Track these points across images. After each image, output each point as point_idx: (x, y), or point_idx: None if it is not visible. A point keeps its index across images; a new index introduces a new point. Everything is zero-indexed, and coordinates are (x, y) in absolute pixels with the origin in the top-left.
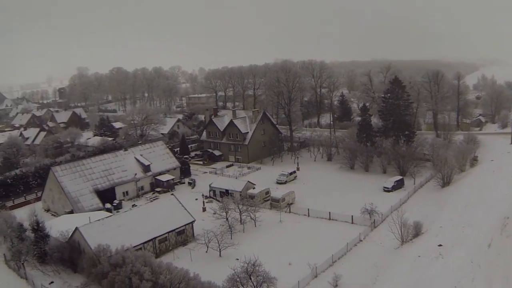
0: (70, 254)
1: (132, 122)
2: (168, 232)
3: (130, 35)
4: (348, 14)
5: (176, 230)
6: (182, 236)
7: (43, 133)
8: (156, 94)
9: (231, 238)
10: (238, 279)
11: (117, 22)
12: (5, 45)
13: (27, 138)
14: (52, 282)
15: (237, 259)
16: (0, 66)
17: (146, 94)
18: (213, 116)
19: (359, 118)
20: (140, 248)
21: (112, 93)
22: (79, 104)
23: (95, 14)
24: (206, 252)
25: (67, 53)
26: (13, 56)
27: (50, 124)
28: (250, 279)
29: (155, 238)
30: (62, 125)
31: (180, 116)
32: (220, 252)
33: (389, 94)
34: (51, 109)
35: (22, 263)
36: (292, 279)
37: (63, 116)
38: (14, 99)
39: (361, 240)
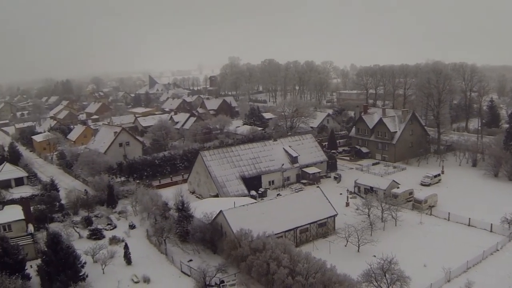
0: (212, 236)
1: (282, 113)
2: (310, 223)
3: (282, 30)
4: (505, 15)
5: (318, 222)
6: (323, 228)
7: (192, 119)
8: (307, 87)
9: (371, 235)
10: (373, 275)
11: (268, 17)
12: (158, 33)
13: (177, 122)
14: (190, 260)
15: (374, 256)
16: (152, 52)
17: (297, 87)
18: (363, 113)
19: (507, 125)
20: (281, 236)
21: (263, 84)
22: (229, 93)
23: (248, 6)
24: (345, 246)
25: (218, 43)
26: (166, 44)
27: (200, 110)
28: (385, 276)
29: (296, 228)
30: (212, 112)
31: (330, 111)
32: (358, 247)
33: None
34: (201, 96)
35: (164, 240)
36: (425, 281)
37: (213, 104)
38: (165, 84)
39: (498, 250)
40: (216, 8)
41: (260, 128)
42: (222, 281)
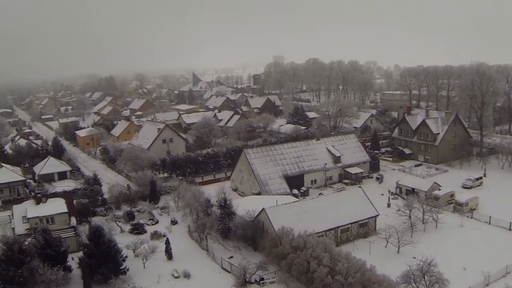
0: (253, 233)
1: (326, 113)
2: (351, 223)
3: (327, 29)
4: None
5: (359, 222)
6: (364, 228)
7: (236, 116)
8: (351, 87)
9: (411, 236)
10: (412, 277)
11: (312, 15)
12: (202, 31)
13: (221, 120)
14: (231, 257)
15: (414, 257)
16: (196, 50)
17: (340, 87)
18: (406, 114)
19: None
20: (322, 235)
21: (307, 83)
22: (273, 92)
23: (293, 4)
24: (385, 246)
25: (263, 41)
26: (210, 42)
27: (244, 108)
28: (424, 278)
29: (337, 227)
30: (255, 110)
31: (374, 112)
32: (398, 248)
33: None
34: (245, 94)
35: (205, 236)
36: (464, 284)
37: (257, 102)
38: (209, 82)
39: None
40: (261, 6)
41: (303, 127)
42: (262, 279)
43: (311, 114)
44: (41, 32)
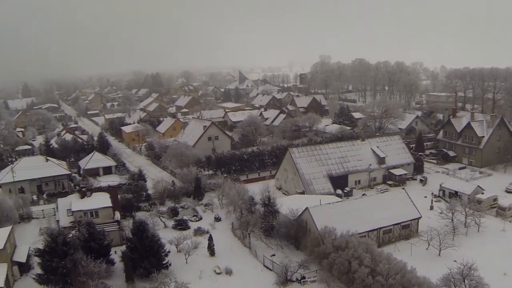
0: (296, 232)
1: (371, 113)
2: (393, 225)
3: (374, 29)
4: None
5: (402, 224)
6: (407, 230)
7: (282, 115)
8: (396, 88)
9: (453, 239)
10: (452, 280)
11: (359, 15)
12: (249, 29)
13: (266, 119)
14: (273, 255)
15: (455, 261)
16: (242, 48)
17: (386, 88)
18: (451, 116)
19: None
20: (364, 236)
21: (353, 83)
22: (319, 91)
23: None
24: (427, 249)
25: (310, 40)
26: (256, 40)
27: (290, 107)
28: (464, 281)
29: (380, 228)
30: (301, 109)
31: (419, 113)
32: (440, 251)
33: None
34: (291, 93)
35: (248, 233)
36: None
37: (303, 101)
38: (255, 80)
39: None
40: (307, 5)
41: (348, 128)
42: (303, 277)
43: (356, 115)
44: (87, 29)
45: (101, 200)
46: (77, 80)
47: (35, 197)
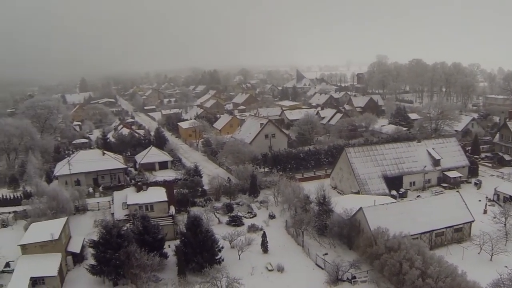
0: (349, 231)
1: (427, 115)
2: (446, 227)
3: (432, 29)
4: None
5: (454, 227)
6: (459, 233)
7: (339, 115)
8: (453, 90)
9: (505, 245)
10: (502, 286)
11: (417, 14)
12: (307, 28)
13: (323, 118)
14: (326, 254)
15: (506, 267)
16: (300, 47)
17: (443, 89)
18: (508, 120)
19: None
20: (417, 238)
21: (410, 84)
22: (376, 91)
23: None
24: (479, 253)
25: (367, 40)
26: (315, 39)
27: (347, 107)
28: None
29: (432, 230)
30: (358, 109)
31: (475, 115)
32: (491, 256)
33: None
34: (348, 92)
35: (302, 232)
36: None
37: (360, 101)
38: (312, 79)
39: None
40: (365, 3)
41: (405, 129)
42: (354, 277)
43: (413, 116)
44: (145, 26)
45: (157, 195)
46: (134, 75)
47: (91, 190)
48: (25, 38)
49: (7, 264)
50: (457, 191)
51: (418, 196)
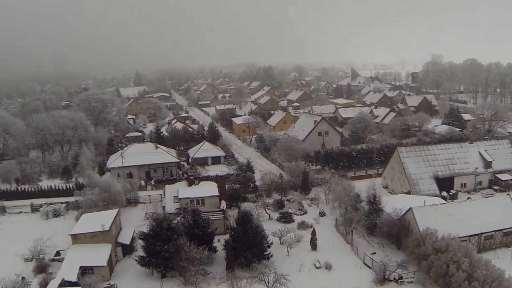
0: (398, 231)
1: (481, 116)
2: (495, 231)
3: (490, 28)
4: None
5: (504, 230)
6: (508, 237)
7: (392, 114)
8: (508, 91)
9: None
10: None
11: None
12: (360, 26)
13: (377, 116)
14: (374, 253)
15: None
16: (355, 45)
17: (498, 90)
18: None
19: None
20: (465, 240)
21: (464, 84)
22: (430, 91)
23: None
24: None
25: (422, 39)
26: (370, 37)
27: (401, 106)
28: None
29: (481, 233)
30: (412, 108)
31: None
32: None
33: None
34: (402, 91)
35: (351, 230)
36: None
37: (414, 100)
38: (367, 77)
39: None
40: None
41: (458, 129)
42: (401, 277)
43: (466, 116)
44: (200, 22)
45: (208, 189)
46: (189, 70)
47: (142, 183)
48: (83, 32)
49: (58, 253)
50: (508, 194)
51: (468, 198)
